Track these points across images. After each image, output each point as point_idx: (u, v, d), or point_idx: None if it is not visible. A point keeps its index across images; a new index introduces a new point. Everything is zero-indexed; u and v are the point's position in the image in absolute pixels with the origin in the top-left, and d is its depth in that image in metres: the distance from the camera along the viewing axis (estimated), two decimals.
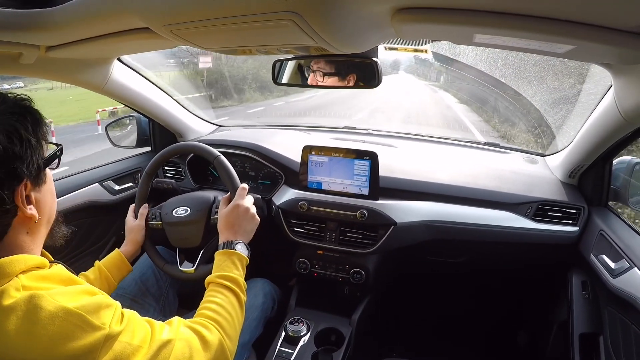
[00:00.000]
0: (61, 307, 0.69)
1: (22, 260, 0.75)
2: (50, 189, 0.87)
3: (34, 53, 1.14)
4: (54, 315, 0.68)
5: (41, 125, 0.81)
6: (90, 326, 0.70)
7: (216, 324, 0.95)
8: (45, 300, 0.68)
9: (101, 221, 1.88)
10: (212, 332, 0.92)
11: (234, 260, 1.14)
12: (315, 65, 1.33)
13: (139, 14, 0.84)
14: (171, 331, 0.85)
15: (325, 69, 1.31)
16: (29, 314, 0.67)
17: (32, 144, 0.76)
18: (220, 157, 1.43)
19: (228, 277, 1.09)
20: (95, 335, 0.69)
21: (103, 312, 0.73)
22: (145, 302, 1.52)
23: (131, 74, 1.72)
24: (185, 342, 0.84)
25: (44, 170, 0.82)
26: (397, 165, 1.78)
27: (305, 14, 0.68)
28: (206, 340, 0.89)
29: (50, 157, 0.84)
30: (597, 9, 0.63)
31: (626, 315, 1.29)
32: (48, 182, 0.85)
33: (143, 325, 0.81)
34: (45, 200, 0.84)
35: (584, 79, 1.74)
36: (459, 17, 0.70)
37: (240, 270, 1.14)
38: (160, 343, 0.79)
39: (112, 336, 0.72)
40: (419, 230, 1.63)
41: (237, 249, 1.18)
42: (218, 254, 1.17)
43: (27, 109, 0.79)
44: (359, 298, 1.80)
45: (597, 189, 1.58)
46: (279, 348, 1.52)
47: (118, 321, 0.75)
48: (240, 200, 1.30)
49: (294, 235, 1.75)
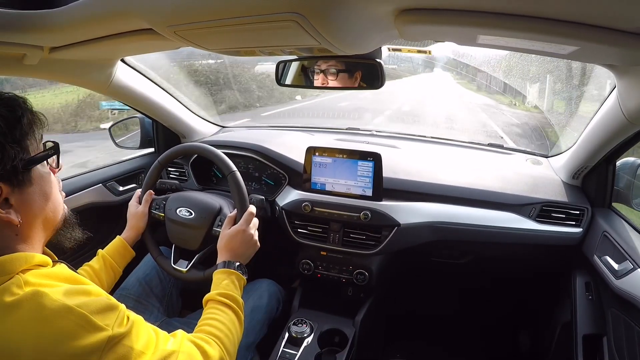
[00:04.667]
0: (64, 305, 0.68)
1: (22, 258, 0.75)
2: (42, 190, 0.83)
3: (38, 54, 1.14)
4: (56, 314, 0.67)
5: (22, 125, 0.77)
6: (93, 327, 0.69)
7: (218, 340, 0.96)
8: (49, 298, 0.68)
9: (105, 222, 1.88)
10: (214, 347, 0.93)
11: (233, 280, 1.15)
12: (319, 66, 1.33)
13: (142, 15, 0.84)
14: (175, 343, 0.85)
15: (329, 70, 1.31)
16: (32, 312, 0.67)
17: (4, 145, 0.72)
18: (236, 173, 1.42)
19: (228, 295, 1.10)
20: (97, 336, 0.69)
21: (107, 314, 0.73)
22: (149, 302, 1.52)
23: (135, 75, 1.72)
24: (187, 356, 0.84)
25: (25, 171, 0.77)
26: (400, 166, 1.77)
27: (309, 15, 0.68)
28: (208, 355, 0.90)
29: (37, 158, 0.80)
30: (601, 10, 0.63)
31: (630, 317, 1.29)
32: (37, 184, 0.81)
33: (147, 332, 0.80)
34: (32, 203, 0.80)
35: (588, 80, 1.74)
36: (463, 18, 0.70)
37: (239, 290, 1.15)
38: (165, 353, 0.80)
39: (115, 338, 0.71)
40: (422, 231, 1.63)
41: (237, 270, 1.19)
42: (218, 273, 1.18)
43: (2, 108, 0.75)
44: (362, 299, 1.80)
45: (601, 190, 1.57)
46: (283, 349, 1.51)
47: (122, 323, 0.74)
48: (245, 225, 1.29)
49: (297, 236, 1.75)
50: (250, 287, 1.57)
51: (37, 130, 0.82)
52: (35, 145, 0.81)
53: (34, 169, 0.80)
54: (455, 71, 11.02)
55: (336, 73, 1.31)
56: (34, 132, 0.81)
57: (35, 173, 0.80)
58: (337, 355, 1.54)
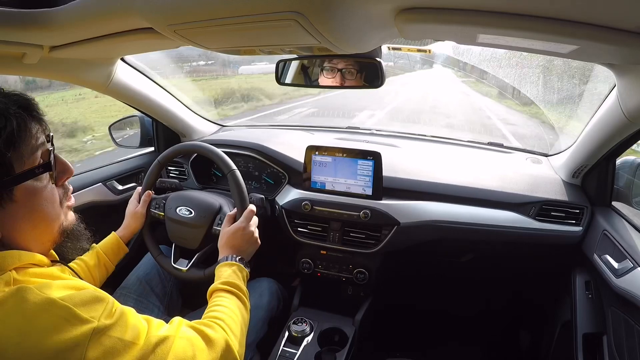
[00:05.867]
0: (47, 298, 0.66)
1: (15, 256, 0.73)
2: (29, 206, 0.76)
3: (38, 53, 1.15)
4: (40, 307, 0.65)
5: (6, 134, 0.70)
6: (77, 319, 0.67)
7: (221, 321, 0.93)
8: (32, 293, 0.66)
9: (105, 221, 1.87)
10: (217, 330, 0.89)
11: (236, 271, 1.14)
12: (319, 65, 1.33)
13: (142, 14, 0.84)
14: (170, 329, 0.82)
15: (329, 69, 1.31)
16: (15, 307, 0.65)
17: None
18: (235, 172, 1.42)
19: (232, 283, 1.08)
20: (81, 329, 0.66)
21: (92, 306, 0.70)
22: (150, 301, 1.52)
23: (135, 74, 1.72)
24: (186, 341, 0.81)
25: (8, 189, 0.72)
26: (400, 165, 1.77)
27: (309, 14, 0.68)
28: (210, 338, 0.86)
29: (20, 176, 0.73)
30: (601, 9, 0.63)
31: (630, 315, 1.29)
32: (22, 201, 0.74)
33: (139, 322, 0.77)
34: (15, 220, 0.74)
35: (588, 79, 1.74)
36: (463, 17, 0.70)
37: (242, 281, 1.13)
38: (157, 339, 0.76)
39: (100, 330, 0.68)
40: (422, 230, 1.63)
41: (238, 262, 1.18)
42: (220, 266, 1.17)
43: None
44: (362, 298, 1.80)
45: (601, 189, 1.57)
46: (283, 348, 1.52)
47: (109, 315, 0.72)
48: (246, 223, 1.29)
49: (297, 235, 1.75)
50: (250, 286, 1.57)
51: (34, 135, 0.76)
52: (25, 159, 0.74)
53: (19, 187, 0.73)
54: (455, 68, 10.50)
55: (336, 72, 1.31)
56: (26, 139, 0.74)
57: (20, 190, 0.74)
58: (337, 354, 1.54)
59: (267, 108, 9.76)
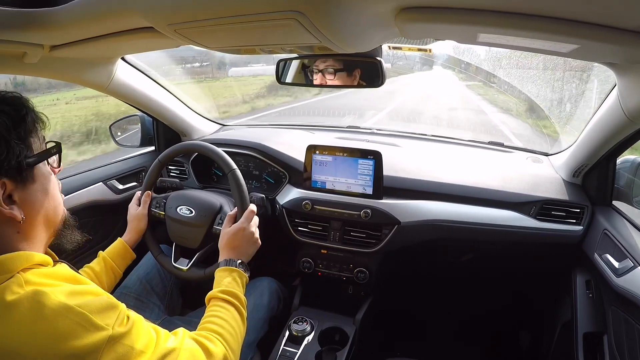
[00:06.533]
0: (64, 305, 0.68)
1: (23, 257, 0.75)
2: (44, 188, 0.84)
3: (38, 52, 1.15)
4: (56, 313, 0.67)
5: (27, 123, 0.79)
6: (93, 326, 0.69)
7: (220, 337, 0.96)
8: (49, 298, 0.68)
9: (105, 220, 1.88)
10: (217, 345, 0.93)
11: (235, 277, 1.15)
12: (319, 64, 1.33)
13: (143, 14, 0.84)
14: (176, 341, 0.85)
15: (329, 69, 1.31)
16: (33, 311, 0.67)
17: (10, 142, 0.74)
18: (236, 171, 1.42)
19: (230, 292, 1.10)
20: (98, 336, 0.69)
21: (107, 313, 0.73)
22: (150, 301, 1.52)
23: (135, 74, 1.72)
24: (189, 353, 0.84)
25: (29, 168, 0.79)
26: (401, 164, 1.77)
27: (309, 13, 0.68)
28: (210, 352, 0.90)
29: (40, 155, 0.82)
30: (601, 9, 0.63)
31: (630, 315, 1.29)
32: (40, 181, 0.82)
33: (148, 331, 0.81)
34: (35, 200, 0.81)
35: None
36: (463, 17, 0.70)
37: (241, 287, 1.15)
38: (165, 351, 0.79)
39: (115, 338, 0.71)
40: (422, 229, 1.63)
41: (238, 268, 1.19)
42: (219, 271, 1.18)
43: (7, 107, 0.77)
44: (362, 297, 1.80)
45: (601, 188, 1.57)
46: (283, 347, 1.52)
47: (122, 323, 0.75)
48: (246, 223, 1.30)
49: (297, 234, 1.75)
50: (251, 285, 1.57)
51: (40, 129, 0.84)
52: (38, 144, 0.82)
53: (37, 167, 0.81)
54: (457, 69, 9.51)
55: (336, 71, 1.31)
56: (37, 131, 0.83)
57: (38, 171, 0.82)
58: (338, 353, 1.54)
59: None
